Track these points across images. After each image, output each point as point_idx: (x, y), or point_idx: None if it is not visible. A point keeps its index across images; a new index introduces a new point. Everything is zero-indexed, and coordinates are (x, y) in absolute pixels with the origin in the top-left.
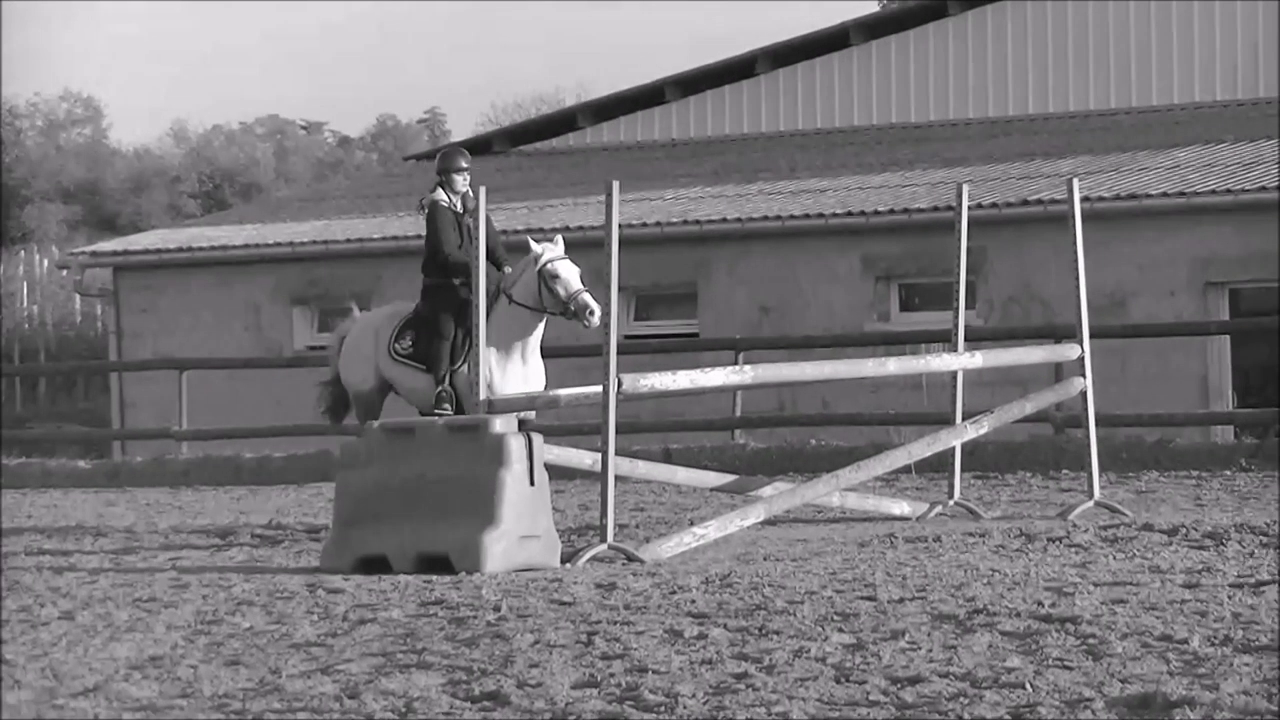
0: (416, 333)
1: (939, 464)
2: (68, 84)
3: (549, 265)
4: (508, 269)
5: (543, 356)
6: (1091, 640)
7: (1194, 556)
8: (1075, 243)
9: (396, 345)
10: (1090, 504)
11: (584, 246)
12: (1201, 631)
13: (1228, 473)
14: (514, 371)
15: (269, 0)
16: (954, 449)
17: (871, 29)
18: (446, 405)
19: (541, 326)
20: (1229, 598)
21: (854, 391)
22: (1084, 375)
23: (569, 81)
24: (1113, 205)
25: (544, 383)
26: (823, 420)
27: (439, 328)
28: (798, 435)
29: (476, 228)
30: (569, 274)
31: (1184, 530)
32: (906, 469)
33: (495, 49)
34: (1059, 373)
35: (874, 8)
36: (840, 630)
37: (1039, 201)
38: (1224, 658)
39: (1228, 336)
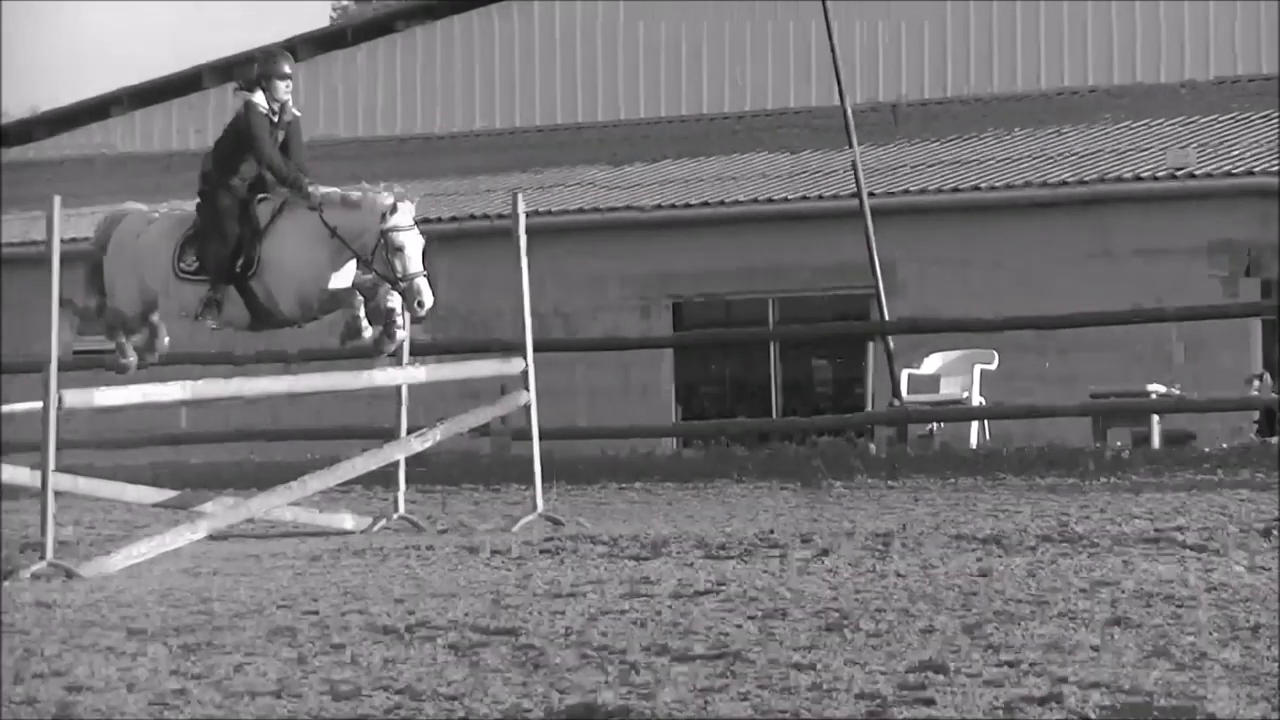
0: (201, 245)
1: (387, 477)
2: None
3: (395, 235)
4: (315, 189)
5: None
6: (531, 651)
7: (634, 567)
8: (520, 258)
9: (182, 263)
10: (535, 516)
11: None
12: (640, 641)
13: (670, 484)
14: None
15: None
16: (399, 462)
17: (319, 44)
18: (211, 317)
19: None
20: (668, 607)
21: (304, 406)
22: (528, 389)
23: (17, 95)
24: (562, 219)
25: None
26: (272, 435)
27: (224, 233)
28: (246, 450)
29: (289, 145)
30: (414, 251)
31: (626, 541)
32: (354, 482)
33: None
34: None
35: (324, 23)
36: (284, 645)
37: (485, 216)
38: (662, 667)
39: (670, 350)
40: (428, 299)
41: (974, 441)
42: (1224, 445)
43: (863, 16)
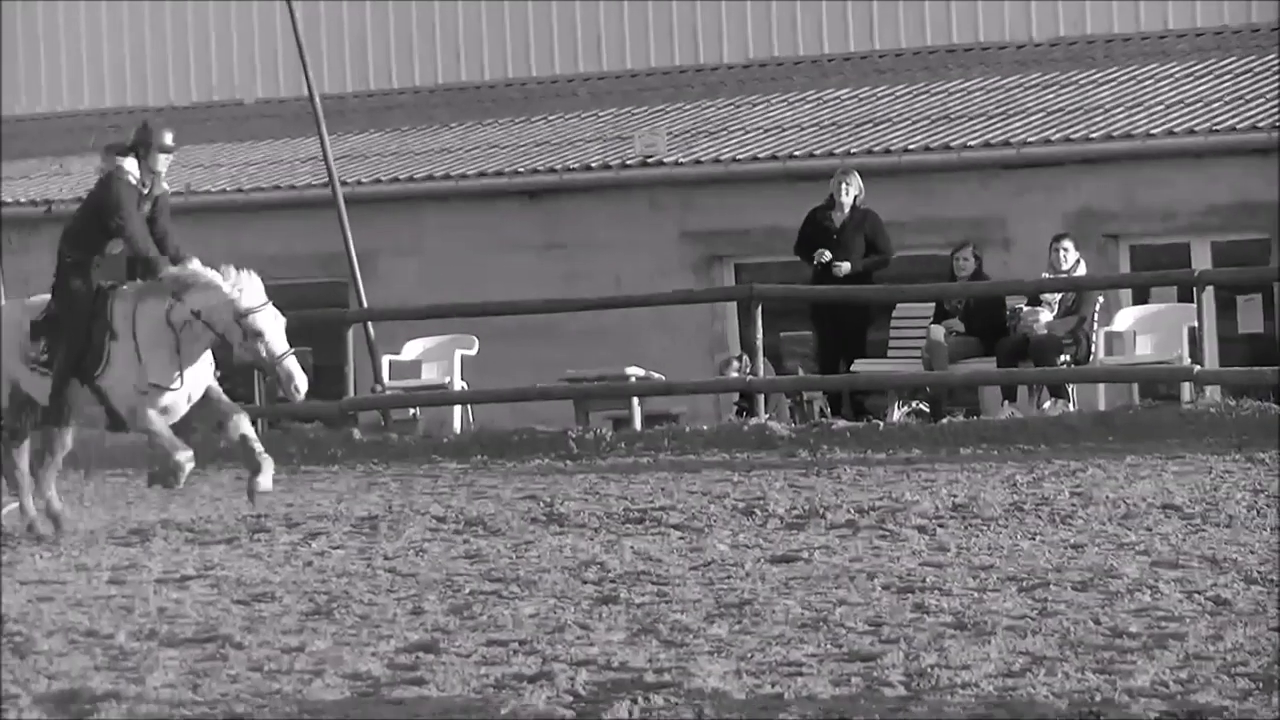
0: (51, 336)
1: None
2: None
3: (251, 319)
4: (168, 270)
5: None
6: (18, 638)
7: (120, 553)
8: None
9: (33, 350)
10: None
11: None
12: (127, 626)
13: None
14: (190, 374)
15: None
16: None
17: None
18: (61, 421)
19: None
20: (154, 593)
21: None
22: None
23: None
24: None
25: (209, 381)
26: None
27: (74, 328)
28: None
29: (157, 219)
30: (275, 332)
31: (112, 527)
32: None
33: None
34: None
35: None
36: None
37: None
38: (149, 651)
39: None
40: (302, 383)
41: (457, 426)
42: (704, 427)
43: None
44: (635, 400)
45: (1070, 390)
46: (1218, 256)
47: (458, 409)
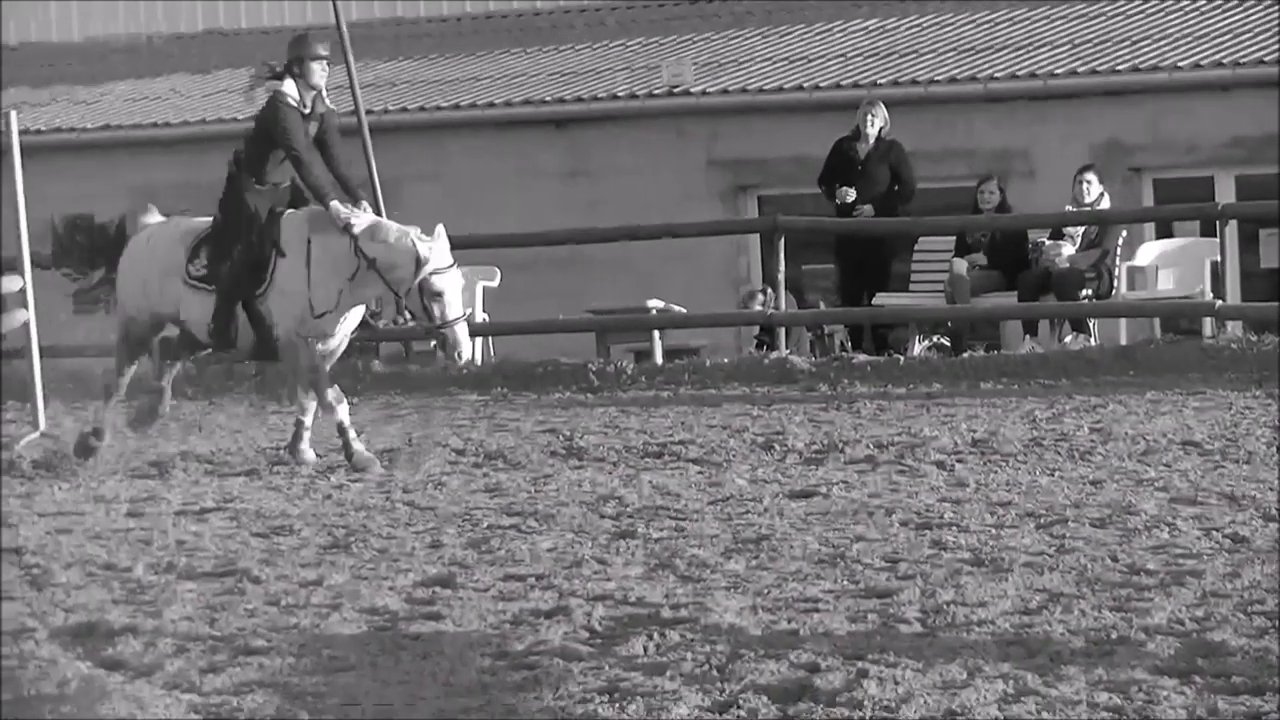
0: (214, 251)
1: None
2: None
3: (433, 279)
4: (340, 208)
5: None
6: (35, 570)
7: (138, 485)
8: (15, 175)
9: (191, 266)
10: (36, 435)
11: None
12: (145, 559)
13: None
14: (348, 321)
15: None
16: None
17: None
18: (222, 344)
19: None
20: (173, 525)
21: None
22: (26, 307)
23: None
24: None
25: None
26: None
27: (241, 243)
28: None
29: (325, 139)
30: (454, 295)
31: (130, 458)
32: None
33: None
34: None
35: None
36: None
37: None
38: (166, 584)
39: None
40: (465, 349)
41: (478, 358)
42: (724, 360)
43: None
44: (656, 333)
45: (1092, 325)
46: (1241, 190)
47: (479, 340)
